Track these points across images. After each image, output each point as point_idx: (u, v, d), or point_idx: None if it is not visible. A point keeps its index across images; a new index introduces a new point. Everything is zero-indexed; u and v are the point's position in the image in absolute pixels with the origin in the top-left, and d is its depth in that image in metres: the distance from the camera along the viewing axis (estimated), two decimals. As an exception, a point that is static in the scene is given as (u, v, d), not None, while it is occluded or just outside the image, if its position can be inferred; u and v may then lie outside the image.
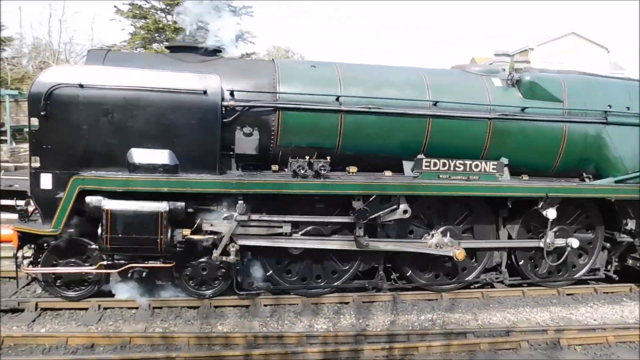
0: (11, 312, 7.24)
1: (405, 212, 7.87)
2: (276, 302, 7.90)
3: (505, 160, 8.32)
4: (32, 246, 7.32)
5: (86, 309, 7.34)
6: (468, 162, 8.07)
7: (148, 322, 7.15)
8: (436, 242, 8.14)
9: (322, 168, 7.39)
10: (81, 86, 6.84)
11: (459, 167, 8.04)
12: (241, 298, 7.79)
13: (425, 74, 8.43)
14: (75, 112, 6.87)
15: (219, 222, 7.38)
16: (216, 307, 7.67)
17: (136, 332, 6.71)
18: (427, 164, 7.92)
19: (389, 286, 8.49)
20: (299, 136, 7.80)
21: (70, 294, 7.46)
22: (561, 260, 8.84)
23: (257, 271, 7.95)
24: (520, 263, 8.89)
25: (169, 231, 7.06)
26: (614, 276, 9.38)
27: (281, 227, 7.60)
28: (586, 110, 8.61)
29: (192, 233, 7.27)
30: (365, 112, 7.82)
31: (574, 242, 8.63)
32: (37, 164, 6.92)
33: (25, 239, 7.04)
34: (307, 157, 7.49)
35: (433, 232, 8.25)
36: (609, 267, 9.38)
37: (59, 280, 7.41)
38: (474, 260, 8.81)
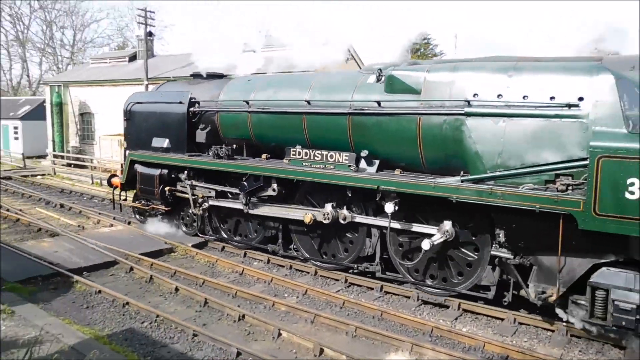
0: (438, 306, 8.34)
1: (274, 190, 9.84)
2: None
3: (364, 153, 8.71)
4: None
5: (502, 319, 7.76)
6: (325, 152, 9.08)
7: (565, 349, 6.90)
8: (327, 211, 9.12)
9: (216, 152, 10.48)
10: (139, 103, 12.55)
11: (317, 157, 9.18)
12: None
13: (316, 77, 9.86)
14: (136, 117, 12.56)
15: (183, 184, 11.55)
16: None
17: (551, 357, 6.50)
18: (293, 152, 9.52)
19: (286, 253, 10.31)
20: (230, 131, 10.99)
21: (140, 218, 13.13)
22: (416, 261, 8.28)
23: (207, 223, 11.64)
24: (394, 259, 8.76)
25: (160, 187, 11.74)
26: (504, 301, 7.71)
27: (210, 192, 11.02)
28: (446, 100, 7.81)
29: (173, 191, 11.73)
30: (260, 112, 10.22)
31: (425, 244, 7.88)
32: (125, 146, 13.01)
33: (124, 185, 12.93)
34: (231, 145, 10.67)
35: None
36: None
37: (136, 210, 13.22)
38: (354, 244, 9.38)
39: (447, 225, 7.91)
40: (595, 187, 6.20)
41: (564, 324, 7.24)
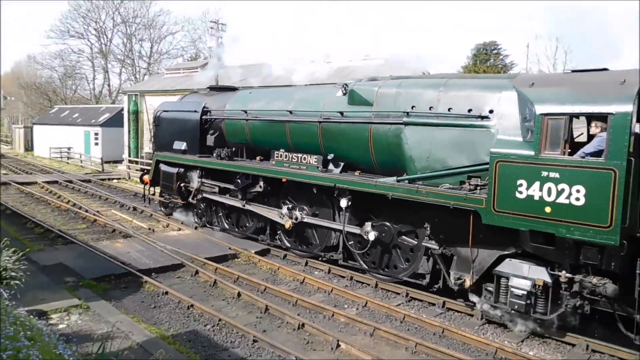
0: (503, 326, 7.81)
1: (260, 187, 11.50)
2: None
3: (330, 156, 10.14)
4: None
5: (573, 345, 7.40)
6: (300, 155, 10.60)
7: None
8: (283, 212, 11.01)
9: (219, 154, 12.32)
10: (166, 111, 14.69)
11: (294, 159, 10.73)
12: None
13: (299, 90, 11.39)
14: (163, 123, 14.69)
15: (194, 182, 13.55)
16: None
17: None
18: (277, 155, 11.13)
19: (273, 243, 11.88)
20: (233, 135, 12.76)
21: (165, 210, 15.22)
22: (364, 251, 9.67)
23: (214, 216, 13.47)
24: (351, 248, 10.08)
25: (177, 183, 13.75)
26: (434, 287, 8.82)
27: (215, 189, 12.89)
28: (391, 111, 9.06)
29: (187, 187, 13.70)
30: (255, 120, 11.91)
31: (371, 235, 9.25)
32: (154, 148, 15.26)
33: (152, 181, 15.16)
34: (231, 148, 12.53)
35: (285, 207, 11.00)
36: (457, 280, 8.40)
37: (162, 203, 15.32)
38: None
39: (368, 226, 9.34)
40: (494, 187, 7.28)
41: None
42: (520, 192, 7.07)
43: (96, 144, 34.94)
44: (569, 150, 6.84)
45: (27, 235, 13.04)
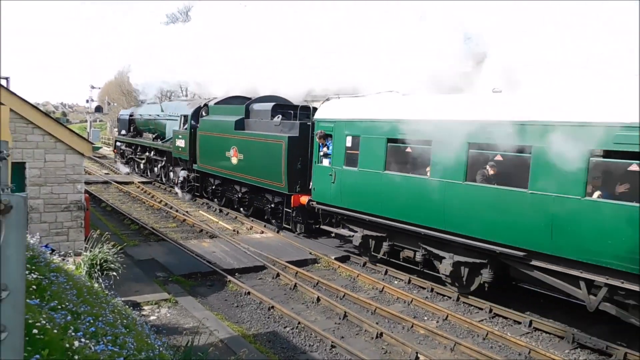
0: (598, 352, 7.39)
1: (139, 148, 25.63)
2: None
3: (156, 134, 23.43)
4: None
5: None
6: (147, 133, 24.58)
7: None
8: (144, 155, 24.54)
9: (129, 135, 26.41)
10: (121, 115, 29.35)
11: (146, 136, 24.48)
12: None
13: (154, 105, 24.80)
14: (120, 121, 29.14)
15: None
16: None
17: None
18: (144, 135, 25.20)
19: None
20: (139, 125, 25.96)
21: (118, 166, 28.74)
22: (148, 169, 23.06)
23: (135, 166, 26.87)
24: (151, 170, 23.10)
25: (119, 150, 28.27)
26: (166, 182, 21.09)
27: (130, 151, 26.73)
28: (166, 114, 21.88)
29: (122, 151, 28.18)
30: (140, 118, 25.28)
31: (145, 154, 22.45)
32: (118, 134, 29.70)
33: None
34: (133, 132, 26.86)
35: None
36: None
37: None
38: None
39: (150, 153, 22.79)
40: (175, 143, 19.98)
41: None
42: (177, 143, 19.36)
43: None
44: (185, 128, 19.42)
45: (124, 230, 14.22)
